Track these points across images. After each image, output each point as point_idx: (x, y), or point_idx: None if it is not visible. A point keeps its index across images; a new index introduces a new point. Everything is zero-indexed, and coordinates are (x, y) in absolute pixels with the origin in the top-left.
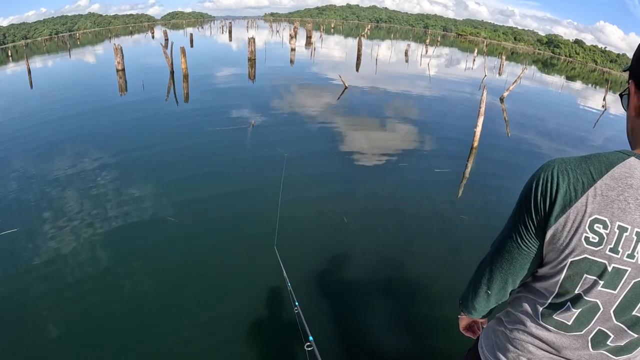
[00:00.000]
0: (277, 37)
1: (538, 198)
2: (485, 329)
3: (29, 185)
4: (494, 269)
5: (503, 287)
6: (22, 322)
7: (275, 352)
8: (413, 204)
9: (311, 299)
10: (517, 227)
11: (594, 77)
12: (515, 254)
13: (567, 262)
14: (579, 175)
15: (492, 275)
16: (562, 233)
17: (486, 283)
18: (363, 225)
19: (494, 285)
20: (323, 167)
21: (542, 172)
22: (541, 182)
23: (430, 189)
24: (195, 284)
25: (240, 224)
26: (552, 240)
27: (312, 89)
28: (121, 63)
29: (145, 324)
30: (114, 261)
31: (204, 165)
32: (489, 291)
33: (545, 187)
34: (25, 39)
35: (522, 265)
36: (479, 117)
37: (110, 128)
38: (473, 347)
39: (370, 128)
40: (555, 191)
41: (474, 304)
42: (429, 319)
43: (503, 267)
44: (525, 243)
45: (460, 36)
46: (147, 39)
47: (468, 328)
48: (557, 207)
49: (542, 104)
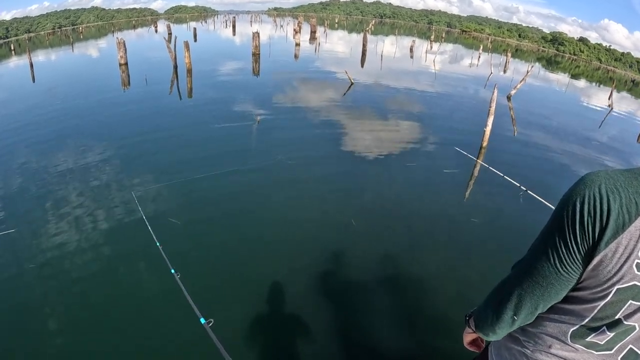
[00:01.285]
0: (281, 32)
1: (585, 219)
2: (495, 343)
3: (31, 179)
4: (524, 294)
5: (532, 313)
6: (24, 318)
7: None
8: (421, 205)
9: (317, 299)
10: (557, 248)
11: (598, 75)
12: (552, 279)
13: (613, 290)
14: (630, 195)
15: (521, 300)
16: (611, 260)
17: (512, 309)
18: (371, 226)
19: (523, 311)
20: (330, 165)
21: (587, 189)
22: (587, 200)
23: (439, 189)
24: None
25: (245, 223)
26: (598, 267)
27: (318, 84)
28: (124, 57)
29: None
30: (117, 258)
31: (209, 166)
32: (515, 317)
33: (593, 208)
34: (28, 32)
35: (557, 291)
36: (489, 117)
37: (112, 123)
38: (481, 357)
39: (377, 125)
40: (607, 213)
41: (495, 328)
42: (436, 321)
43: (535, 292)
44: (566, 268)
45: (465, 32)
46: (150, 33)
47: (472, 343)
48: (609, 232)
49: (547, 102)
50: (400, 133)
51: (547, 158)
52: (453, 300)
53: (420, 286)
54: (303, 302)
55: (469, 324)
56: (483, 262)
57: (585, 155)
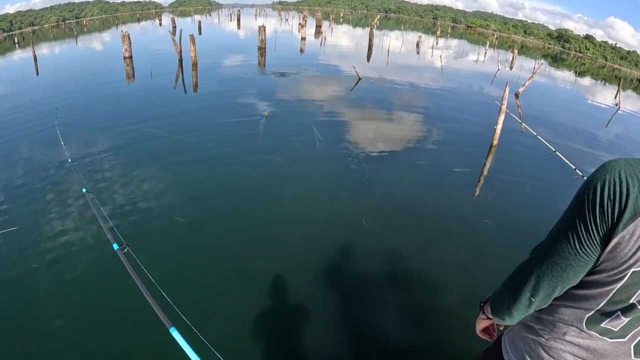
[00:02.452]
0: (286, 26)
1: (605, 202)
2: (509, 334)
3: (32, 174)
4: (543, 275)
5: (549, 295)
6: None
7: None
8: (433, 204)
9: (327, 297)
10: (577, 230)
11: (603, 73)
12: (572, 260)
13: (629, 272)
14: None
15: (540, 281)
16: (629, 242)
17: (530, 290)
18: (381, 226)
19: (540, 293)
20: (340, 162)
21: (607, 174)
22: (608, 184)
23: (450, 189)
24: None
25: (252, 220)
26: (616, 249)
27: (325, 79)
28: (128, 50)
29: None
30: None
31: (216, 161)
32: (532, 298)
33: (613, 192)
34: (32, 25)
35: (575, 273)
36: (499, 115)
37: (116, 117)
38: (493, 349)
39: (385, 122)
40: (626, 197)
41: (512, 310)
42: (447, 319)
43: (554, 273)
44: (584, 249)
45: (470, 28)
46: (155, 26)
47: (485, 330)
48: (627, 215)
49: (553, 99)
50: (409, 130)
51: (557, 158)
52: (464, 299)
53: (432, 285)
54: (313, 300)
55: (484, 310)
56: (495, 263)
57: (595, 153)
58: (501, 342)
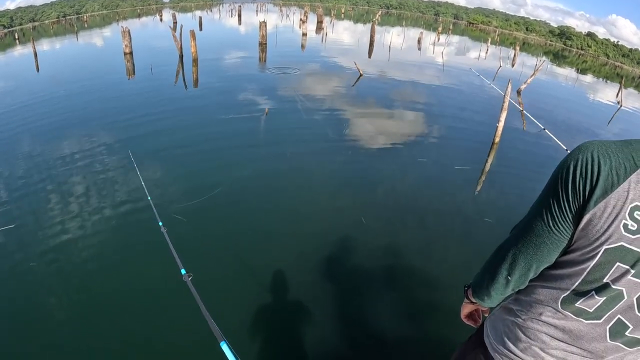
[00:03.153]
0: (287, 22)
1: (577, 179)
2: (491, 317)
3: (32, 169)
4: (518, 253)
5: (525, 274)
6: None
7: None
8: (434, 202)
9: (325, 295)
10: (550, 208)
11: (605, 71)
12: (545, 237)
13: (602, 250)
14: (620, 159)
15: (516, 259)
16: (600, 219)
17: (507, 268)
18: (381, 223)
19: (516, 271)
20: (341, 159)
21: (581, 154)
22: (580, 163)
23: (451, 186)
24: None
25: (251, 216)
26: (588, 226)
27: (326, 75)
28: (129, 46)
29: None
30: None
31: (215, 157)
32: (509, 277)
33: (585, 169)
34: (33, 21)
35: (549, 250)
36: (502, 112)
37: (116, 113)
38: (476, 335)
39: (387, 118)
40: (597, 174)
41: (490, 290)
42: (446, 315)
43: (529, 251)
44: (558, 227)
45: (472, 25)
46: (155, 21)
47: (469, 316)
48: (598, 191)
49: (555, 97)
50: (410, 127)
51: (559, 154)
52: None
53: (432, 283)
54: (312, 298)
55: (467, 294)
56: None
57: None
58: (484, 326)
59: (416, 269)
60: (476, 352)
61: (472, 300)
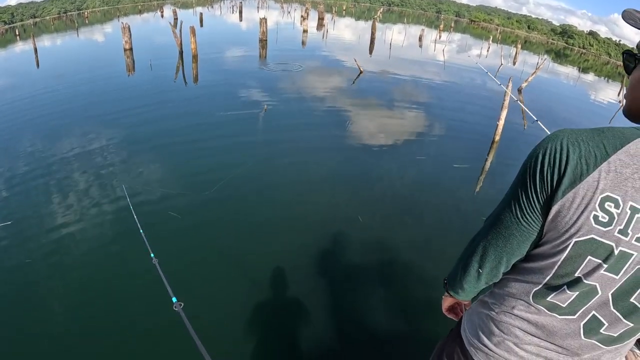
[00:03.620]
0: (288, 18)
1: (545, 169)
2: (468, 311)
3: (33, 165)
4: (488, 245)
5: (496, 267)
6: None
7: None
8: (432, 201)
9: (320, 294)
10: (518, 199)
11: (607, 70)
12: (514, 229)
13: (571, 242)
14: (591, 147)
15: (486, 252)
16: (569, 210)
17: (478, 261)
18: (379, 222)
19: (487, 264)
20: (339, 157)
21: (550, 142)
22: (549, 151)
23: (450, 184)
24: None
25: (248, 213)
26: (557, 217)
27: (326, 72)
28: (129, 42)
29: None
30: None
31: (213, 154)
32: (480, 270)
33: (553, 158)
34: (34, 17)
35: (519, 243)
36: (502, 110)
37: (115, 109)
38: (455, 328)
39: (386, 116)
40: (565, 163)
41: (462, 283)
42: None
43: (498, 243)
44: (526, 218)
45: (473, 22)
46: (156, 18)
47: (451, 309)
48: (566, 181)
49: (556, 95)
50: (409, 124)
51: None
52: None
53: (429, 281)
54: (306, 297)
55: (446, 287)
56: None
57: None
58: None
59: (414, 267)
60: (453, 346)
61: (451, 294)
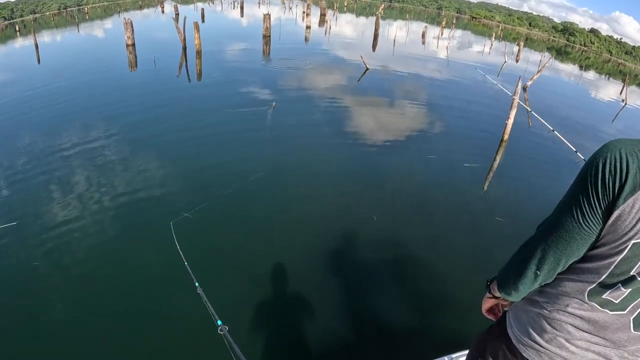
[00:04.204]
0: (290, 14)
1: (606, 177)
2: (513, 309)
3: (35, 161)
4: (548, 248)
5: (554, 268)
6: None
7: None
8: (443, 200)
9: (336, 291)
10: (581, 205)
11: (608, 67)
12: (575, 233)
13: (630, 244)
14: None
15: (545, 255)
16: (629, 214)
17: (536, 263)
18: (391, 221)
19: (545, 266)
20: (350, 156)
21: (609, 152)
22: (609, 160)
23: (460, 184)
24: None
25: (260, 215)
26: (617, 222)
27: (331, 69)
28: (131, 38)
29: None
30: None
31: (222, 154)
32: (538, 272)
33: (613, 167)
34: (34, 13)
35: (578, 245)
36: (511, 109)
37: (119, 106)
38: (497, 326)
39: (394, 114)
40: (626, 172)
41: (518, 285)
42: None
43: (559, 246)
44: (587, 222)
45: (474, 19)
46: (157, 13)
47: (490, 310)
48: (627, 188)
49: (559, 94)
50: (417, 122)
51: (565, 153)
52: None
53: (444, 281)
54: (321, 297)
55: (490, 289)
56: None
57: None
58: (505, 318)
59: (434, 266)
60: (498, 343)
61: (495, 295)
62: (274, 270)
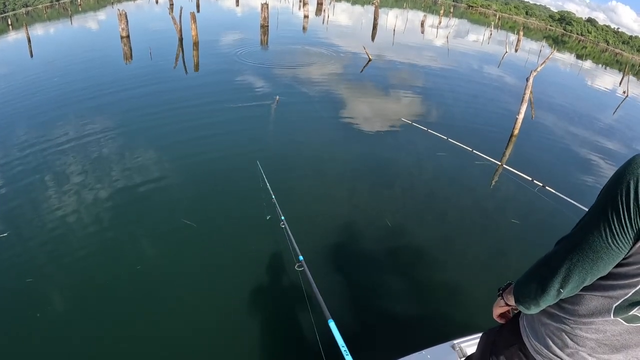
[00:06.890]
0: (286, 3)
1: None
2: (527, 318)
3: (30, 155)
4: (573, 267)
5: (577, 287)
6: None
7: None
8: (454, 198)
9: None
10: (611, 225)
11: (604, 57)
12: (603, 252)
13: None
14: None
15: (570, 273)
16: None
17: (560, 281)
18: (402, 221)
19: (570, 284)
20: (358, 152)
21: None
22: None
23: (471, 182)
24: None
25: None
26: None
27: (333, 59)
28: (126, 29)
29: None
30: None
31: (225, 153)
32: (561, 289)
33: None
34: (26, 6)
35: (605, 265)
36: (522, 104)
37: (114, 99)
38: (509, 331)
39: (400, 106)
40: None
41: (539, 301)
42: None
43: (585, 266)
44: (616, 242)
45: (471, 7)
46: (151, 4)
47: (501, 316)
48: None
49: (558, 84)
50: (425, 116)
51: (571, 149)
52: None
53: (458, 282)
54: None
55: (503, 297)
56: (520, 260)
57: (610, 143)
58: (518, 324)
59: (440, 261)
60: (513, 351)
61: (507, 303)
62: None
